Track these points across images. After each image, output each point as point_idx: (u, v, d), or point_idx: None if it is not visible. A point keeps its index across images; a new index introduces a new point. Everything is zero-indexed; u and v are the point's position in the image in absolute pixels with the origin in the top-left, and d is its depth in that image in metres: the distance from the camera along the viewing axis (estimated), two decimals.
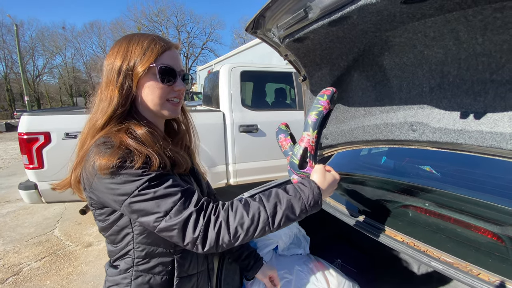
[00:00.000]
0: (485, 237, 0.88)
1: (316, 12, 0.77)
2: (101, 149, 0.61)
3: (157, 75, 0.68)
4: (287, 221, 0.65)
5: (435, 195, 1.20)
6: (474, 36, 0.73)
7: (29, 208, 4.07)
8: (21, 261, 2.72)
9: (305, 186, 0.69)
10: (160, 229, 0.60)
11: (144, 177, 0.60)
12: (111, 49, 0.71)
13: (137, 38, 0.69)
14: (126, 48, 0.67)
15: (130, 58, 0.67)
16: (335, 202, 1.20)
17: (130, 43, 0.68)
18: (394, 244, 0.87)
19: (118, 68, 0.67)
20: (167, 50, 0.70)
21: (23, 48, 27.64)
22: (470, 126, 0.83)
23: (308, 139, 0.81)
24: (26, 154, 2.41)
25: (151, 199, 0.60)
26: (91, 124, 0.68)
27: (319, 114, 0.80)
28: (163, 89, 0.70)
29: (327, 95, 0.82)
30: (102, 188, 0.62)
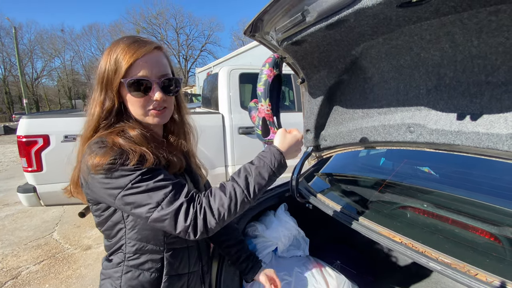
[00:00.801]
0: (482, 237, 0.88)
1: (314, 15, 0.78)
2: (94, 149, 0.64)
3: (129, 88, 0.68)
4: (261, 187, 0.69)
5: (434, 196, 1.21)
6: (469, 39, 0.74)
7: (27, 211, 4.05)
8: (19, 264, 2.71)
9: (266, 152, 0.74)
10: (152, 219, 0.63)
11: (136, 171, 0.63)
12: (102, 56, 0.71)
13: (114, 46, 0.69)
14: (106, 59, 0.68)
15: (108, 71, 0.68)
16: (334, 204, 1.20)
17: (111, 51, 0.69)
18: (393, 245, 0.88)
19: (101, 79, 0.69)
20: (138, 58, 0.67)
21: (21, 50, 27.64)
22: (466, 127, 0.83)
23: (262, 109, 0.89)
24: (25, 157, 2.40)
25: (144, 191, 0.62)
26: (85, 128, 0.72)
27: (265, 83, 0.87)
28: (139, 101, 0.70)
29: (268, 63, 0.88)
30: (96, 184, 0.64)
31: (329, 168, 1.71)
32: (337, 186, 1.49)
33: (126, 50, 0.67)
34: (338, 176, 1.63)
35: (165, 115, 0.75)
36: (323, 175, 1.65)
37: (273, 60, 0.88)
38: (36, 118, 2.50)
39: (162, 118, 0.74)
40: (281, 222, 1.34)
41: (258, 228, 1.29)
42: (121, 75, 0.67)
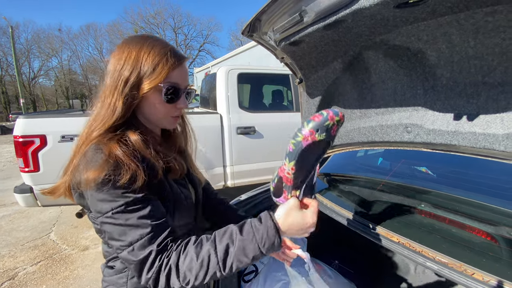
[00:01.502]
0: (479, 237, 0.89)
1: (311, 16, 0.78)
2: (90, 160, 0.60)
3: (162, 94, 0.66)
4: (239, 264, 0.58)
5: (431, 196, 1.21)
6: (466, 40, 0.74)
7: (24, 212, 4.03)
8: (16, 265, 2.69)
9: (260, 224, 0.61)
10: (121, 256, 0.60)
11: (121, 199, 0.59)
12: (119, 51, 0.66)
13: (149, 46, 0.65)
14: (136, 57, 0.64)
15: (139, 70, 0.64)
16: (331, 204, 1.21)
17: (141, 51, 0.64)
18: (390, 245, 0.88)
19: (126, 79, 0.63)
20: (177, 67, 0.67)
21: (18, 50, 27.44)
22: (463, 127, 0.84)
23: (284, 168, 0.68)
24: (21, 157, 2.39)
25: (121, 225, 0.59)
26: (89, 130, 0.66)
27: (296, 145, 0.64)
28: (165, 107, 0.69)
29: (313, 121, 0.61)
30: (88, 196, 0.62)
31: (327, 168, 1.71)
32: (335, 186, 1.49)
33: (169, 54, 0.65)
34: (336, 176, 1.63)
35: (177, 122, 0.77)
36: (321, 175, 1.65)
37: (322, 122, 0.60)
38: (33, 118, 2.49)
39: (175, 124, 0.76)
40: None
41: None
42: (160, 79, 0.64)
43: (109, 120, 0.64)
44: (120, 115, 0.64)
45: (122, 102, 0.64)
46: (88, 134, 0.65)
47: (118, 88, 0.64)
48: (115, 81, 0.64)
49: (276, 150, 3.42)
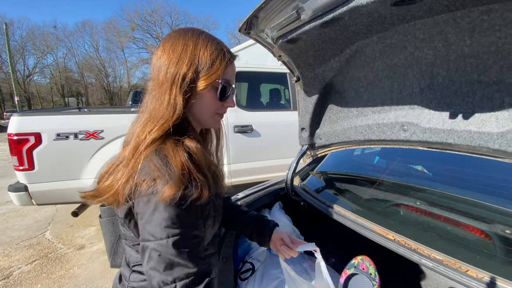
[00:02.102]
0: (473, 234, 0.90)
1: (308, 13, 0.78)
2: (160, 169, 0.54)
3: (218, 91, 0.63)
4: None
5: (426, 194, 1.22)
6: (462, 38, 0.74)
7: (19, 211, 3.99)
8: (11, 264, 2.66)
9: None
10: (152, 284, 0.54)
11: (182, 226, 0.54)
12: (173, 44, 0.61)
13: (204, 40, 0.62)
14: (193, 51, 0.60)
15: (197, 65, 0.60)
16: (328, 202, 1.21)
17: (198, 45, 0.61)
18: (386, 242, 0.89)
19: (184, 74, 0.59)
20: (231, 64, 0.65)
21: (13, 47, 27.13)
22: (458, 126, 0.84)
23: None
24: (16, 155, 2.36)
25: (170, 258, 0.53)
26: (145, 130, 0.59)
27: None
28: (217, 105, 0.66)
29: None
30: (145, 210, 0.55)
31: (324, 167, 1.71)
32: (332, 184, 1.50)
33: (225, 50, 0.63)
34: (332, 175, 1.64)
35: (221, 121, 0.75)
36: (318, 173, 1.66)
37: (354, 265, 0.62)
38: (28, 115, 2.46)
39: (219, 123, 0.74)
40: (276, 220, 1.33)
41: None
42: (218, 75, 0.61)
43: (170, 119, 0.59)
44: (181, 112, 0.60)
45: (182, 98, 0.60)
46: (146, 135, 0.58)
47: (176, 84, 0.59)
48: (172, 76, 0.59)
49: (273, 149, 3.42)
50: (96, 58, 34.47)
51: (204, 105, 0.64)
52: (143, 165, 0.55)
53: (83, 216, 3.49)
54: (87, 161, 2.58)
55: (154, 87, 0.61)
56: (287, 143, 3.29)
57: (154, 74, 0.62)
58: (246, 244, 1.26)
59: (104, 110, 3.27)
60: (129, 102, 8.49)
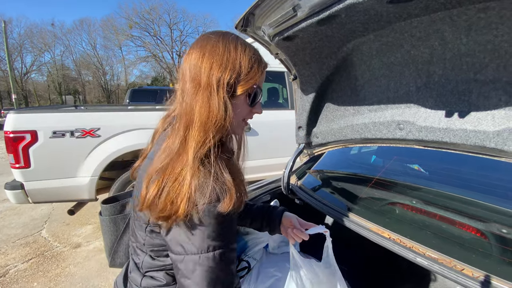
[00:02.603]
0: (469, 233, 0.90)
1: (305, 10, 0.77)
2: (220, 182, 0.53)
3: (250, 97, 0.62)
4: None
5: (422, 192, 1.22)
6: (458, 36, 0.74)
7: (16, 209, 3.97)
8: (7, 262, 2.65)
9: None
10: None
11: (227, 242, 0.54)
12: (213, 46, 0.59)
13: (242, 45, 0.61)
14: (235, 57, 0.59)
15: (238, 69, 0.59)
16: (325, 200, 1.21)
17: (237, 50, 0.60)
18: (381, 240, 0.89)
19: (228, 79, 0.58)
20: (264, 70, 0.64)
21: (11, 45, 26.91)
22: (454, 124, 0.84)
23: None
24: (12, 153, 2.34)
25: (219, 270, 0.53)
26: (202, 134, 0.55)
27: None
28: (247, 111, 0.66)
29: None
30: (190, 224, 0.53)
31: (320, 165, 1.71)
32: (328, 183, 1.50)
33: (261, 58, 0.63)
34: (329, 173, 1.64)
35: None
36: (315, 172, 1.66)
37: None
38: (24, 113, 2.44)
39: (243, 131, 0.72)
40: None
41: None
42: (255, 81, 0.60)
43: (224, 124, 0.57)
44: (232, 119, 0.58)
45: (231, 103, 0.58)
46: (205, 140, 0.55)
47: (223, 88, 0.57)
48: (217, 80, 0.57)
49: (271, 148, 3.41)
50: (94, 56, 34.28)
51: (238, 111, 0.63)
52: (202, 180, 0.53)
53: (79, 215, 3.48)
54: (83, 159, 2.57)
55: (197, 89, 0.58)
56: (285, 142, 3.29)
57: (193, 76, 0.59)
58: (242, 242, 1.25)
59: (101, 108, 3.24)
60: (126, 100, 8.45)
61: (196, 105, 0.57)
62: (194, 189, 0.51)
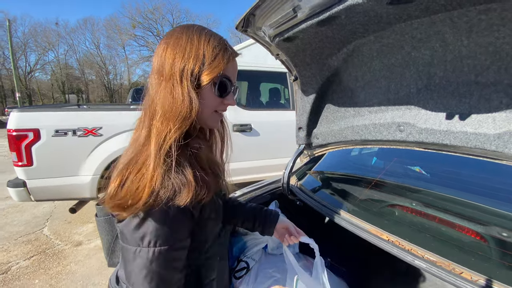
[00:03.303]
0: (468, 236, 0.89)
1: (305, 11, 0.77)
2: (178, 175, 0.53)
3: (216, 86, 0.61)
4: None
5: (422, 195, 1.22)
6: (459, 38, 0.74)
7: (18, 206, 4.00)
8: (9, 259, 2.67)
9: None
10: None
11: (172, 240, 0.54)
12: (176, 38, 0.59)
13: (207, 35, 0.60)
14: (197, 45, 0.58)
15: (202, 59, 0.58)
16: (324, 202, 1.21)
17: (201, 39, 0.59)
18: (380, 242, 0.88)
19: (191, 69, 0.57)
20: (232, 60, 0.63)
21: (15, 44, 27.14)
22: (455, 127, 0.84)
23: None
24: (15, 151, 2.36)
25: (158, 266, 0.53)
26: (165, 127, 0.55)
27: None
28: (216, 102, 0.63)
29: None
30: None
31: (321, 166, 1.71)
32: (328, 184, 1.49)
33: (226, 47, 0.61)
34: (329, 174, 1.63)
35: (219, 121, 0.71)
36: (315, 173, 1.65)
37: None
38: (27, 111, 2.46)
39: (218, 123, 0.71)
40: None
41: None
42: (219, 70, 0.59)
43: (189, 116, 0.56)
44: (198, 109, 0.57)
45: (196, 94, 0.57)
46: (167, 133, 0.54)
47: (187, 78, 0.56)
48: (180, 71, 0.56)
49: (272, 148, 3.41)
50: (97, 55, 34.44)
51: (205, 101, 0.61)
52: (163, 172, 0.53)
53: (81, 213, 3.50)
54: (85, 158, 2.58)
55: (160, 81, 0.58)
56: (286, 143, 3.28)
57: (158, 68, 0.59)
58: (241, 243, 1.26)
59: (103, 107, 3.26)
60: (129, 99, 8.49)
61: (160, 97, 0.57)
62: (155, 180, 0.51)
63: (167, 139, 0.53)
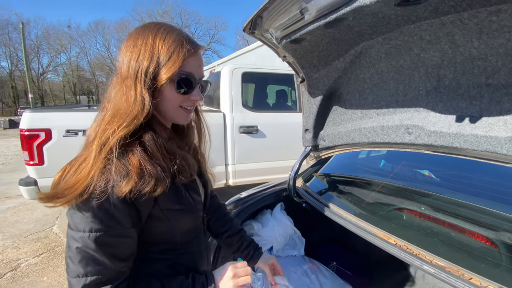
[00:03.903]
0: (478, 242, 0.87)
1: (312, 13, 0.77)
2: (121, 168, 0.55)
3: (175, 83, 0.61)
4: None
5: (431, 199, 1.20)
6: (470, 40, 0.73)
7: (29, 204, 4.09)
8: (19, 256, 2.73)
9: None
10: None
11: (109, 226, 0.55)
12: (133, 39, 0.60)
13: (163, 33, 0.60)
14: (152, 45, 0.59)
15: (157, 58, 0.59)
16: (331, 204, 1.20)
17: (156, 38, 0.59)
18: (387, 246, 0.87)
19: (146, 68, 0.58)
20: (192, 55, 0.62)
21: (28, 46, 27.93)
22: (465, 129, 0.82)
23: None
24: (27, 150, 2.42)
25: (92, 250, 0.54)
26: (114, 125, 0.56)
27: None
28: (178, 99, 0.64)
29: None
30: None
31: (328, 169, 1.70)
32: (335, 187, 1.48)
33: (184, 41, 0.61)
34: (336, 177, 1.62)
35: (190, 117, 0.71)
36: (321, 175, 1.64)
37: None
38: (39, 112, 2.52)
39: (187, 119, 0.71)
40: (278, 221, 1.33)
41: (254, 226, 1.29)
42: (176, 68, 0.59)
43: (140, 115, 0.57)
44: (150, 108, 0.58)
45: (148, 94, 0.58)
46: (115, 130, 0.56)
47: (140, 79, 0.57)
48: (134, 72, 0.58)
49: (278, 150, 3.40)
50: (108, 57, 35.11)
51: (167, 99, 0.62)
52: (101, 166, 0.54)
53: None
54: None
55: (117, 82, 0.60)
56: (293, 145, 3.28)
57: (117, 70, 0.61)
58: None
59: None
60: None
61: (115, 97, 0.59)
62: (92, 175, 0.53)
63: (110, 139, 0.55)
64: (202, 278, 0.66)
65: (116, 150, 0.55)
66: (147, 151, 0.59)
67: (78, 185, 0.52)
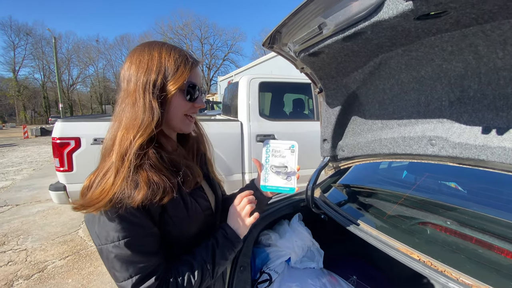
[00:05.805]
0: (508, 259, 0.82)
1: (330, 28, 0.79)
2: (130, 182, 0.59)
3: (184, 92, 0.67)
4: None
5: (457, 213, 1.14)
6: (494, 51, 0.71)
7: (57, 208, 4.31)
8: (46, 258, 2.87)
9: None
10: None
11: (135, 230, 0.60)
12: (139, 55, 0.65)
13: (168, 49, 0.66)
14: (159, 59, 0.64)
15: (164, 71, 0.64)
16: (350, 216, 1.18)
17: (162, 53, 0.65)
18: (410, 262, 0.84)
19: (154, 81, 0.63)
20: (195, 67, 0.69)
21: (60, 59, 29.95)
22: (492, 142, 0.79)
23: None
24: (58, 157, 2.58)
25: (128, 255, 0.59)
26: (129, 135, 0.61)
27: None
28: (186, 106, 0.70)
29: None
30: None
31: (347, 179, 1.67)
32: (355, 198, 1.46)
33: (187, 57, 0.67)
34: (356, 188, 1.59)
35: (193, 125, 0.77)
36: (340, 186, 1.62)
37: None
38: (70, 121, 2.69)
39: (191, 127, 0.76)
40: (295, 232, 1.32)
41: (272, 236, 1.29)
42: (184, 79, 0.65)
43: (151, 124, 0.61)
44: (160, 116, 0.63)
45: (157, 103, 0.62)
46: (131, 141, 0.60)
47: (148, 91, 0.62)
48: (143, 84, 0.62)
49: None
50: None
51: (174, 108, 0.67)
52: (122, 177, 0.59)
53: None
54: None
55: (125, 96, 0.64)
56: (310, 154, 3.25)
57: (123, 85, 0.66)
58: (264, 254, 1.26)
59: None
60: None
61: (125, 109, 0.63)
62: (116, 185, 0.58)
63: (129, 149, 0.60)
64: (220, 231, 0.74)
65: (133, 161, 0.60)
66: (154, 163, 0.64)
67: (106, 195, 0.57)
